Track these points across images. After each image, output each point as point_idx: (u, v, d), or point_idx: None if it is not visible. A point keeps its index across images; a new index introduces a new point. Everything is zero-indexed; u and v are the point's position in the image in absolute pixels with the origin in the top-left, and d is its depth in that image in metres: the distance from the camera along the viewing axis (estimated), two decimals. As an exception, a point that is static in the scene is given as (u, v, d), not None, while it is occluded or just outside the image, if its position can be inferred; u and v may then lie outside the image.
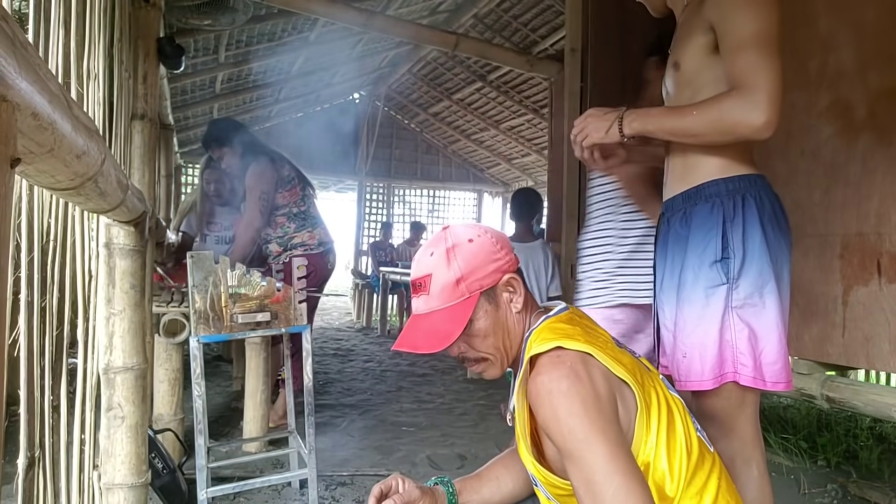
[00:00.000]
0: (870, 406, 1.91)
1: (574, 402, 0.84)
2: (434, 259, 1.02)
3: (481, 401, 3.71)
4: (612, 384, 0.89)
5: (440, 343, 0.97)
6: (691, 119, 1.19)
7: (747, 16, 1.15)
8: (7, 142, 0.43)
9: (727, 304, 1.21)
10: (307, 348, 1.95)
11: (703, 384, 1.23)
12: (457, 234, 1.04)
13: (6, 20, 0.42)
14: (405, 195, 10.46)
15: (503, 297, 1.03)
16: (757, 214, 1.22)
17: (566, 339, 0.91)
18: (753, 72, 1.12)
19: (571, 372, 0.86)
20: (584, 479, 0.84)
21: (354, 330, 7.12)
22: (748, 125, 1.12)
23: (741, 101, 1.12)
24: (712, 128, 1.17)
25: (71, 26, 1.05)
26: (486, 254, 1.01)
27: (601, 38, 3.19)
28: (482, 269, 1.00)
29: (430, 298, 1.02)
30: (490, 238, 1.04)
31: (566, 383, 0.85)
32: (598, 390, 0.86)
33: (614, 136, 1.28)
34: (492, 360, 1.04)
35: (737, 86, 1.14)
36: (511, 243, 1.09)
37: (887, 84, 1.91)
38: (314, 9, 3.81)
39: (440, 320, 1.00)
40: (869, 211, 1.94)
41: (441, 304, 1.00)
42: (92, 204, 0.95)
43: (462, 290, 0.99)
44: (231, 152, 3.01)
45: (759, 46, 1.13)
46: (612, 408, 0.87)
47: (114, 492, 1.43)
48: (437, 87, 8.48)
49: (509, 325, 1.03)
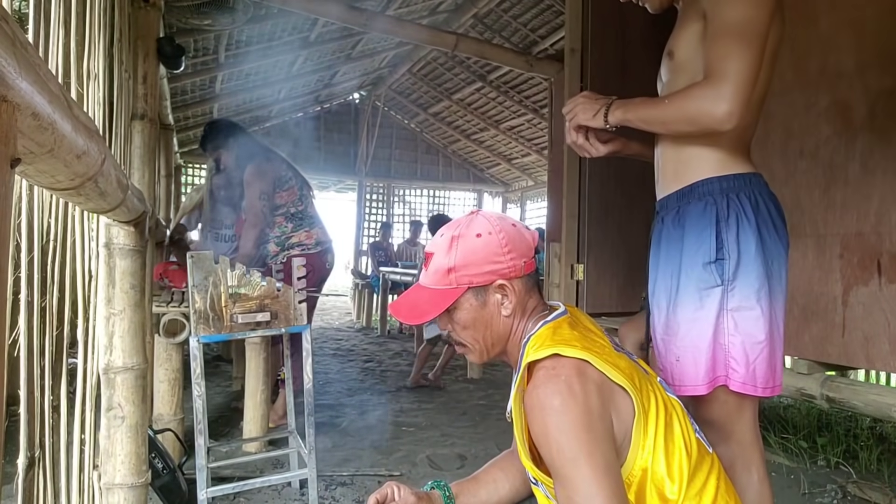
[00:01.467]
0: (870, 406, 1.91)
1: (564, 421, 0.85)
2: (441, 241, 1.05)
3: (481, 401, 3.71)
4: (608, 392, 0.90)
5: (416, 318, 1.03)
6: (663, 107, 1.18)
7: (733, 5, 1.13)
8: (7, 142, 0.43)
9: (722, 306, 1.19)
10: (307, 348, 1.95)
11: (698, 389, 1.21)
12: (472, 225, 1.04)
13: (6, 20, 0.42)
14: (405, 195, 10.46)
15: (493, 298, 1.03)
16: (752, 214, 1.19)
17: (563, 345, 0.92)
18: (724, 61, 1.10)
19: (566, 387, 0.86)
20: (567, 496, 0.85)
21: (354, 330, 7.12)
22: (710, 115, 1.10)
23: (706, 91, 1.11)
24: (679, 116, 1.15)
25: (71, 26, 1.05)
26: (486, 253, 1.01)
27: (601, 38, 3.19)
28: (476, 266, 1.01)
29: (426, 275, 1.06)
30: (500, 239, 1.02)
31: (559, 400, 0.86)
32: (590, 406, 0.86)
33: (599, 122, 1.28)
34: (469, 348, 1.07)
35: (707, 74, 1.12)
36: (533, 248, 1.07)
37: (887, 84, 1.91)
38: (314, 9, 3.82)
39: (425, 298, 1.04)
40: (868, 211, 1.94)
41: (431, 283, 1.05)
42: (92, 204, 0.95)
43: (451, 280, 1.02)
44: (228, 153, 3.04)
45: (736, 36, 1.10)
46: (604, 424, 0.87)
47: (114, 492, 1.43)
48: (437, 87, 8.48)
49: (493, 324, 1.04)
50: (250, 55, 5.82)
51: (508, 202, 10.88)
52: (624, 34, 3.23)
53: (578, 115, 1.32)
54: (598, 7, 3.14)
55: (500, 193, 10.92)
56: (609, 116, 1.26)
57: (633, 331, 2.26)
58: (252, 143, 3.07)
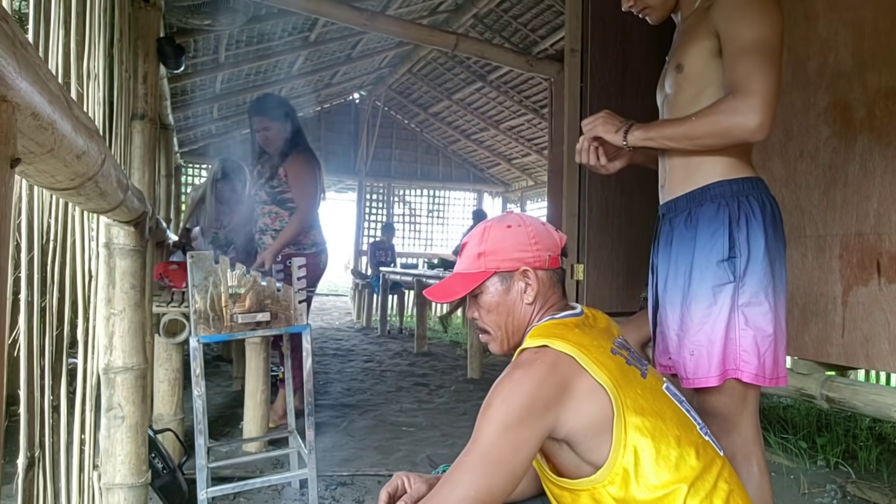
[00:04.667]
0: (870, 406, 1.91)
1: (509, 389, 0.92)
2: (476, 231, 1.15)
3: (481, 401, 3.69)
4: (577, 390, 0.93)
5: (446, 297, 1.11)
6: (690, 124, 1.26)
7: (751, 24, 1.21)
8: (7, 142, 0.43)
9: (734, 302, 1.26)
10: (307, 348, 1.95)
11: (709, 380, 1.27)
12: (505, 218, 1.15)
13: (6, 20, 0.42)
14: (405, 195, 10.45)
15: (517, 285, 1.10)
16: (760, 215, 1.27)
17: (555, 339, 0.96)
18: (751, 77, 1.18)
19: (533, 369, 0.93)
20: (465, 449, 0.92)
21: (354, 330, 7.12)
22: (743, 128, 1.19)
23: (737, 105, 1.19)
24: (710, 131, 1.23)
25: (71, 26, 1.05)
26: (515, 242, 1.10)
27: (601, 38, 3.19)
28: (504, 252, 1.09)
29: (460, 262, 1.15)
30: (528, 231, 1.11)
31: (519, 373, 0.93)
32: (541, 392, 0.91)
33: (619, 140, 1.35)
34: (492, 335, 1.13)
35: (734, 90, 1.20)
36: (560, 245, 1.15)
37: (886, 84, 1.91)
38: (314, 9, 3.82)
39: (456, 281, 1.13)
40: (868, 211, 1.94)
41: (463, 269, 1.14)
42: (92, 204, 0.95)
43: (480, 264, 1.10)
44: (280, 129, 2.94)
45: (759, 53, 1.19)
46: (543, 413, 0.91)
47: (114, 492, 1.43)
48: (437, 87, 8.47)
49: (515, 310, 1.10)
50: (250, 55, 5.82)
51: (508, 202, 10.87)
52: (624, 34, 3.23)
53: (598, 128, 1.39)
54: (598, 7, 3.14)
55: (500, 193, 10.91)
56: (628, 136, 1.34)
57: (634, 331, 2.27)
58: (303, 132, 3.07)
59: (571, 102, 3.01)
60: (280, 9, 4.32)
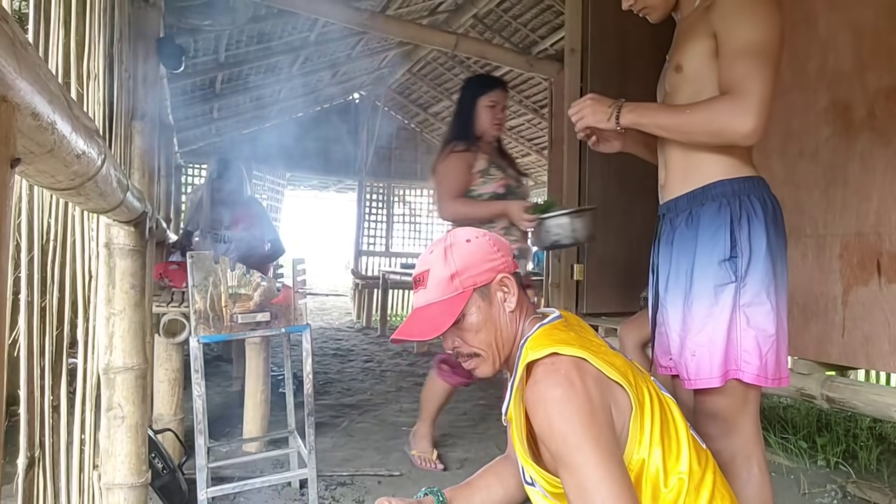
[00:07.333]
0: (870, 406, 1.91)
1: (567, 410, 0.86)
2: (433, 256, 1.08)
3: (481, 401, 3.71)
4: (605, 388, 0.92)
5: (432, 331, 1.02)
6: (684, 117, 1.24)
7: (749, 27, 1.19)
8: (7, 142, 0.43)
9: (735, 302, 1.24)
10: (307, 348, 1.95)
11: (712, 381, 1.25)
12: (456, 235, 1.10)
13: (6, 20, 0.42)
14: (405, 195, 10.45)
15: (497, 296, 1.07)
16: (762, 214, 1.25)
17: (561, 344, 0.94)
18: (747, 79, 1.17)
19: (566, 380, 0.88)
20: (575, 484, 0.86)
21: (354, 330, 7.11)
22: (736, 130, 1.18)
23: (732, 106, 1.18)
24: (702, 128, 1.22)
25: (71, 26, 1.05)
26: (482, 253, 1.06)
27: (601, 38, 3.19)
28: (477, 266, 1.05)
29: (427, 292, 1.07)
30: (488, 240, 1.08)
31: (560, 391, 0.87)
32: (591, 397, 0.88)
33: (611, 125, 1.34)
34: (483, 357, 1.07)
35: (730, 91, 1.19)
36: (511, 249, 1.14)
37: (886, 84, 1.91)
38: (314, 9, 3.82)
39: (435, 312, 1.05)
40: (868, 211, 1.94)
41: (437, 297, 1.06)
42: (92, 204, 0.95)
43: (456, 285, 1.05)
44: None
45: (756, 56, 1.18)
46: (605, 414, 0.89)
47: (114, 492, 1.43)
48: (437, 87, 8.47)
49: (501, 322, 1.07)
50: (250, 55, 5.82)
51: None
52: (624, 34, 3.23)
53: (587, 118, 1.37)
54: (598, 7, 3.14)
55: (500, 193, 10.90)
56: (620, 118, 1.32)
57: (634, 331, 2.27)
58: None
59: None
60: (280, 9, 4.32)
